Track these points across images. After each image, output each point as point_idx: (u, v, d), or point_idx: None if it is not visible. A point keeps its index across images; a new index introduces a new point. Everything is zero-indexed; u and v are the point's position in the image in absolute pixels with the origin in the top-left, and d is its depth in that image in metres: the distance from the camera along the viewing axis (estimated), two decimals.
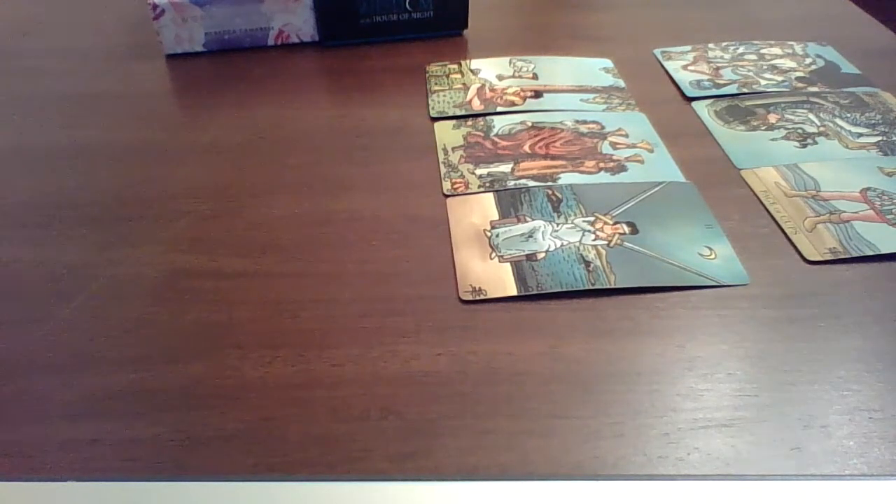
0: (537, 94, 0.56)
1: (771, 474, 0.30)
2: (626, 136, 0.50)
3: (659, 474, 0.30)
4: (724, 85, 0.56)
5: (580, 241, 0.41)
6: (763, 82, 0.56)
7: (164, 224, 0.44)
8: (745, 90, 0.55)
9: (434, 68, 0.60)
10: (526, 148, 0.50)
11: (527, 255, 0.40)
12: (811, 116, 0.52)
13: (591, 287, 0.38)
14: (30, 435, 0.32)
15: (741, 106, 0.53)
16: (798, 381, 0.33)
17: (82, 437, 0.32)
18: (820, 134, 0.50)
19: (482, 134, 0.51)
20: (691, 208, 0.44)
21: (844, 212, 0.43)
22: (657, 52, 0.62)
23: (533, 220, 0.43)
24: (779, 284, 0.39)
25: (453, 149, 0.50)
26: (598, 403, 0.33)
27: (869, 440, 0.31)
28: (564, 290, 0.38)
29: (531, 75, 0.58)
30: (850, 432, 0.31)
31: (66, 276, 0.40)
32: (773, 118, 0.52)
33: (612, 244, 0.41)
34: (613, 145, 0.50)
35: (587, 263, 0.40)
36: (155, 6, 0.60)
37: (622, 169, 0.47)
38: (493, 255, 0.41)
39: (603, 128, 0.51)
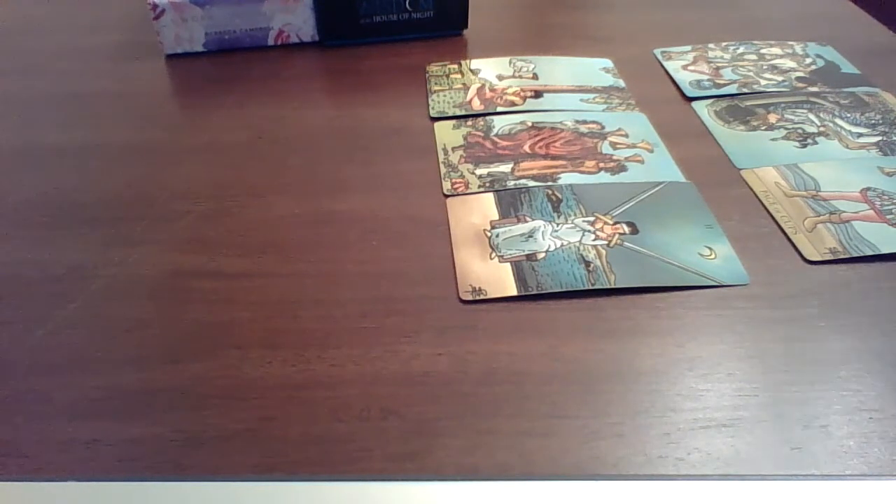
0: (537, 94, 0.56)
1: (771, 474, 0.30)
2: (626, 136, 0.50)
3: (659, 474, 0.30)
4: (724, 85, 0.56)
5: (580, 241, 0.41)
6: (763, 82, 0.56)
7: (164, 224, 0.44)
8: (745, 90, 0.55)
9: (434, 68, 0.60)
10: (526, 148, 0.50)
11: (527, 255, 0.40)
12: (811, 116, 0.52)
13: (591, 287, 0.38)
14: (30, 435, 0.32)
15: (741, 106, 0.53)
16: (798, 381, 0.33)
17: (82, 437, 0.32)
18: (820, 134, 0.50)
19: (482, 134, 0.51)
20: (691, 208, 0.44)
21: (844, 212, 0.43)
22: (657, 52, 0.62)
23: (533, 220, 0.43)
24: (779, 284, 0.39)
25: (453, 149, 0.50)
26: (598, 403, 0.33)
27: (869, 440, 0.31)
28: (564, 290, 0.38)
29: (531, 75, 0.58)
30: (850, 432, 0.31)
31: (66, 276, 0.40)
32: (773, 118, 0.52)
33: (612, 244, 0.41)
34: (613, 145, 0.50)
35: (587, 263, 0.40)
36: (155, 6, 0.60)
37: (622, 169, 0.47)
38: (493, 255, 0.41)
39: (603, 128, 0.51)
